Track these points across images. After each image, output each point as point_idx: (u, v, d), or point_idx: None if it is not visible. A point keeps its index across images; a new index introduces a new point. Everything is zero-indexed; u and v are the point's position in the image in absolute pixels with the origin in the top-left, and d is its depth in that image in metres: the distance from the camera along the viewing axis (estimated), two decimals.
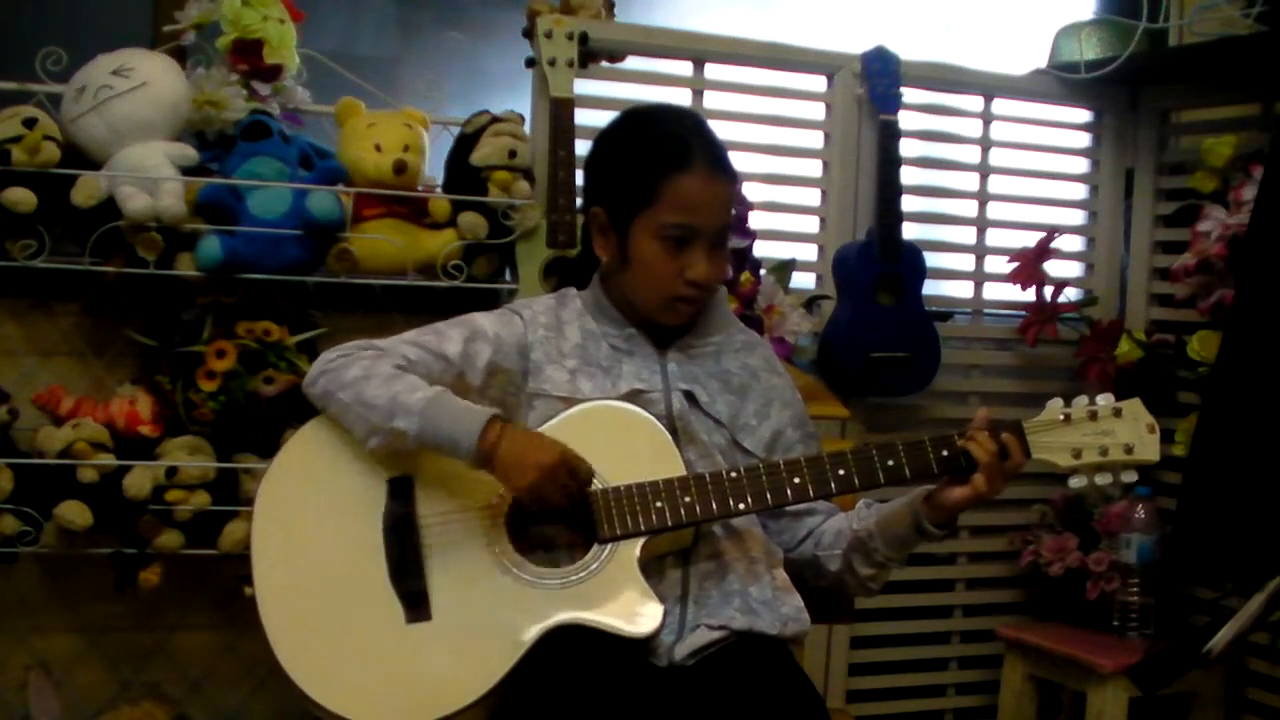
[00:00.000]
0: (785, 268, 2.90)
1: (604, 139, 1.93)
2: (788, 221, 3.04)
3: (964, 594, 3.22)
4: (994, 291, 3.22)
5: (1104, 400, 1.79)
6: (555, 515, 1.78)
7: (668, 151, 1.81)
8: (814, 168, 3.05)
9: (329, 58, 2.67)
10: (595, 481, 1.77)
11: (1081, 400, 1.80)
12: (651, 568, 1.76)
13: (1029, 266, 3.09)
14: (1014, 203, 3.24)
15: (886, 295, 2.90)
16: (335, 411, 1.79)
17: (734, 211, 1.96)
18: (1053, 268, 3.12)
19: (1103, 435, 1.77)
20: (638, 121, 1.91)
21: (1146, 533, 2.84)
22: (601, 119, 2.61)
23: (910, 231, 2.93)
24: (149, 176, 2.31)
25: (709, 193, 1.82)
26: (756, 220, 2.87)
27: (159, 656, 2.63)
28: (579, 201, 2.57)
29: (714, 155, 1.83)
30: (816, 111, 3.03)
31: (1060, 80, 3.16)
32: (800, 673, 1.79)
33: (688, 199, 1.80)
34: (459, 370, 1.83)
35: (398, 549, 1.75)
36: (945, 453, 1.78)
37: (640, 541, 1.75)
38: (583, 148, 2.56)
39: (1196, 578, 2.98)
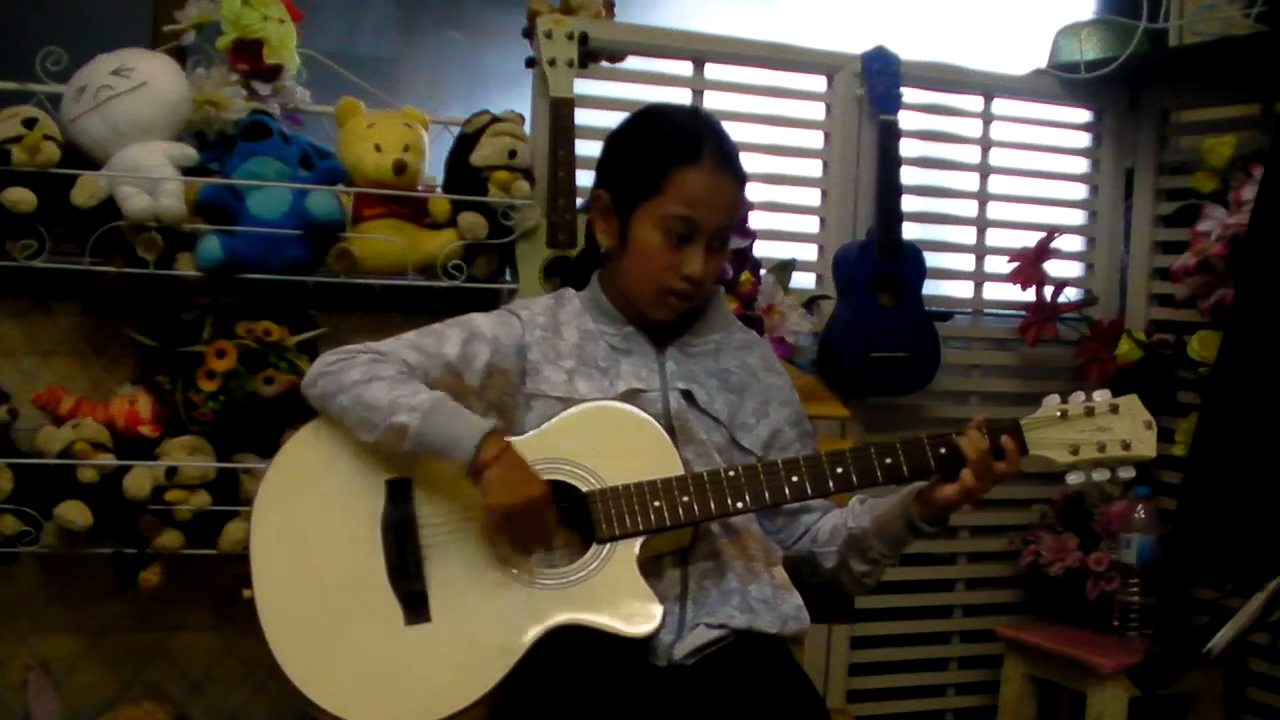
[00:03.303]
0: (785, 268, 2.90)
1: (619, 130, 1.94)
2: (788, 221, 3.04)
3: (964, 594, 3.22)
4: (994, 291, 3.22)
5: (1101, 396, 1.79)
6: (554, 516, 1.78)
7: (679, 144, 1.83)
8: (814, 168, 3.05)
9: (329, 58, 2.68)
10: (594, 482, 1.77)
11: (1078, 397, 1.79)
12: (650, 567, 1.76)
13: (1029, 266, 3.09)
14: (1014, 203, 3.24)
15: (886, 295, 2.90)
16: (335, 413, 1.79)
17: (739, 209, 1.96)
18: (1053, 268, 3.12)
19: (1100, 431, 1.77)
20: (654, 115, 1.93)
21: (1146, 533, 2.83)
22: (601, 119, 2.64)
23: (910, 231, 2.92)
24: (149, 176, 2.31)
25: (715, 189, 1.82)
26: (756, 220, 2.87)
27: (159, 656, 2.64)
28: (579, 201, 2.58)
29: (725, 155, 1.84)
30: (816, 111, 3.03)
31: (1060, 80, 3.16)
32: (800, 672, 1.79)
33: (693, 193, 1.81)
34: (457, 372, 1.83)
35: (396, 550, 1.75)
36: (943, 451, 1.78)
37: (639, 541, 1.75)
38: (583, 148, 2.58)
39: (1196, 578, 2.98)
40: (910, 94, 2.96)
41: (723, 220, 1.85)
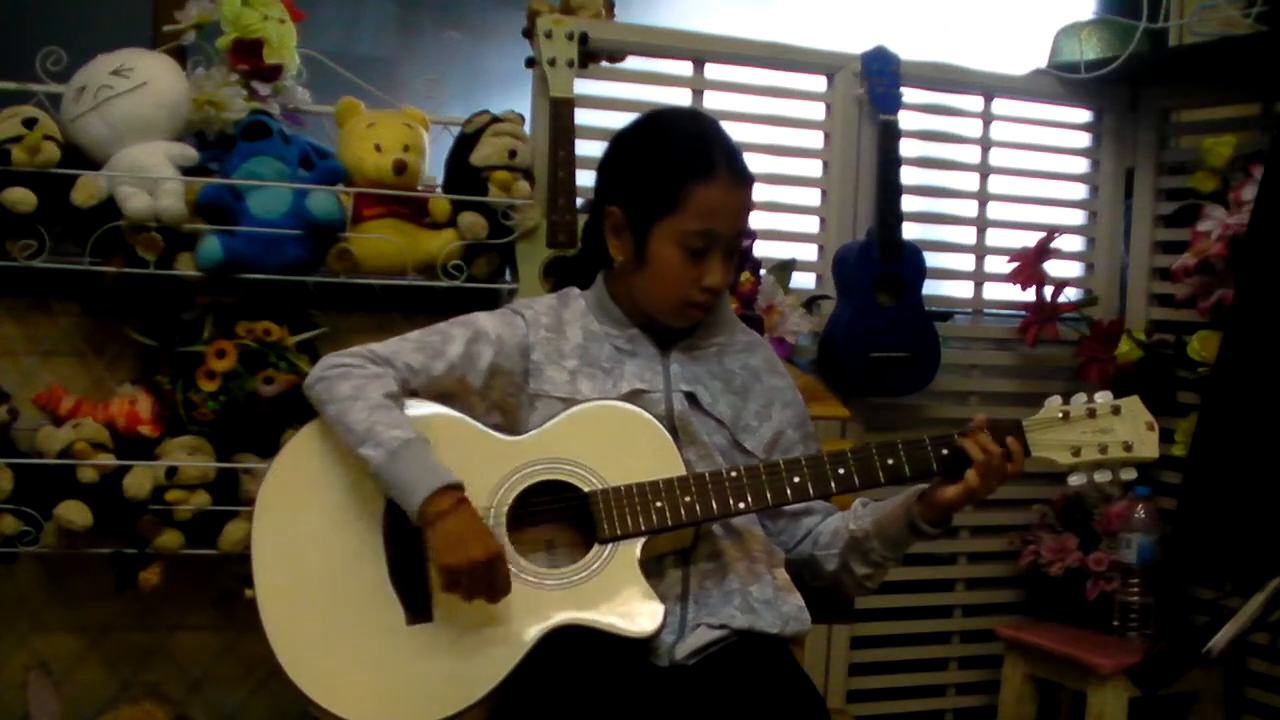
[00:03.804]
0: (785, 268, 2.90)
1: (624, 140, 1.91)
2: (788, 221, 3.04)
3: (964, 594, 3.22)
4: (994, 291, 3.22)
5: (1102, 398, 1.79)
6: (555, 516, 1.78)
7: (693, 158, 1.80)
8: (814, 168, 3.04)
9: (329, 58, 2.68)
10: (595, 481, 1.77)
11: (1080, 398, 1.80)
12: (651, 567, 1.76)
13: (1029, 266, 3.09)
14: (1014, 203, 3.24)
15: (886, 295, 2.90)
16: (326, 421, 1.79)
17: (749, 215, 1.95)
18: (1053, 268, 3.12)
19: (1101, 433, 1.77)
20: (661, 124, 1.89)
21: (1146, 533, 2.84)
22: (601, 119, 2.64)
23: (910, 231, 2.92)
24: (149, 176, 2.31)
25: (731, 201, 1.81)
26: (756, 220, 2.86)
27: (159, 656, 2.64)
28: (579, 201, 2.58)
29: (735, 162, 1.83)
30: (816, 111, 3.03)
31: (1060, 80, 3.16)
32: (800, 672, 1.79)
33: (712, 207, 1.79)
34: (461, 373, 1.83)
35: (398, 550, 1.75)
36: (945, 451, 1.78)
37: (641, 541, 1.75)
38: (583, 148, 2.58)
39: (1196, 578, 2.98)
40: (910, 94, 2.96)
41: (739, 228, 1.84)
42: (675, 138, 1.85)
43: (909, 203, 2.94)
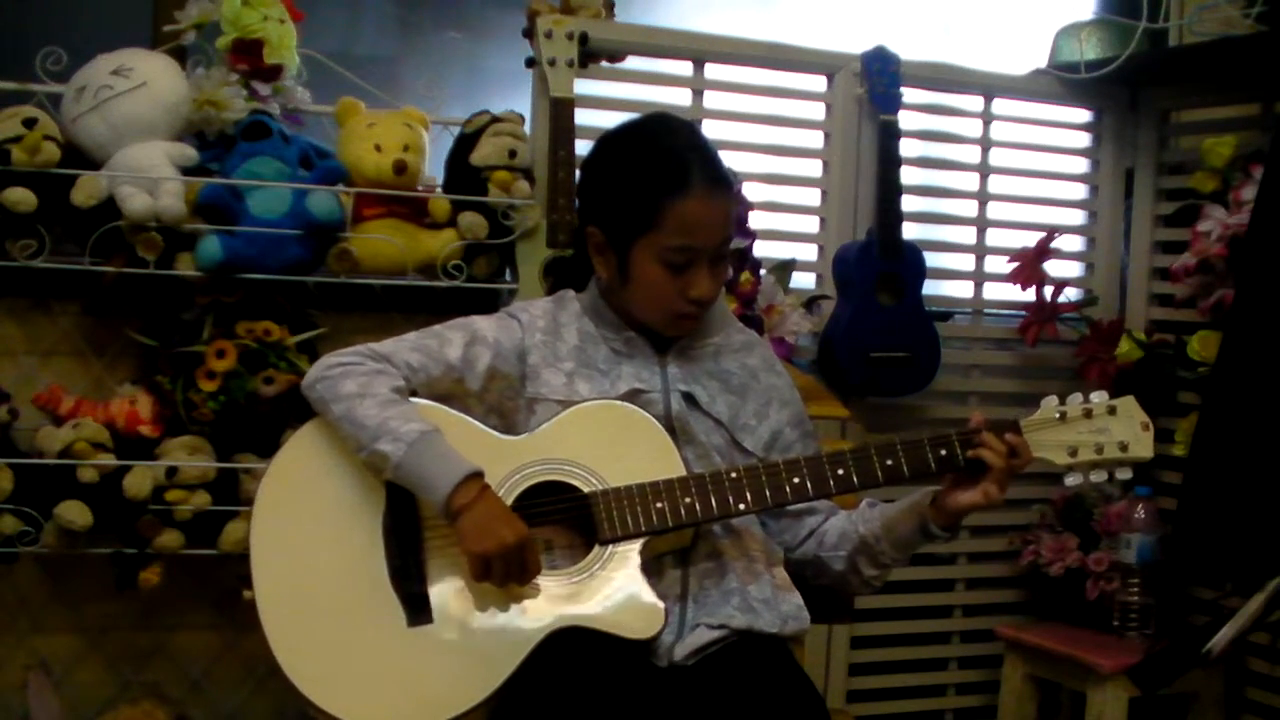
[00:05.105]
0: (785, 268, 2.90)
1: (598, 158, 1.89)
2: (788, 221, 3.04)
3: (964, 594, 3.22)
4: (994, 291, 3.22)
5: (1099, 398, 1.79)
6: (555, 517, 1.78)
7: (666, 173, 1.77)
8: (814, 168, 3.05)
9: (329, 58, 2.68)
10: (595, 482, 1.77)
11: (1076, 398, 1.80)
12: (650, 567, 1.76)
13: (1029, 266, 3.09)
14: (1014, 203, 3.24)
15: (886, 295, 2.90)
16: (330, 421, 1.78)
17: (734, 217, 1.93)
18: (1053, 268, 3.12)
19: (1098, 433, 1.77)
20: (632, 140, 1.86)
21: (1146, 533, 2.84)
22: (601, 119, 2.64)
23: (910, 231, 2.93)
24: (149, 176, 2.32)
25: (710, 212, 1.79)
26: (756, 220, 2.87)
27: (159, 656, 2.64)
28: (578, 202, 2.58)
29: (712, 171, 1.80)
30: (816, 111, 3.03)
31: (1060, 80, 3.16)
32: (800, 672, 1.79)
33: (689, 221, 1.77)
34: (459, 375, 1.83)
35: (398, 551, 1.75)
36: (943, 452, 1.77)
37: (641, 542, 1.75)
38: (583, 148, 2.58)
39: (1196, 578, 2.98)
40: (910, 94, 2.96)
41: (722, 236, 1.82)
42: (647, 153, 1.81)
43: (909, 203, 2.94)
